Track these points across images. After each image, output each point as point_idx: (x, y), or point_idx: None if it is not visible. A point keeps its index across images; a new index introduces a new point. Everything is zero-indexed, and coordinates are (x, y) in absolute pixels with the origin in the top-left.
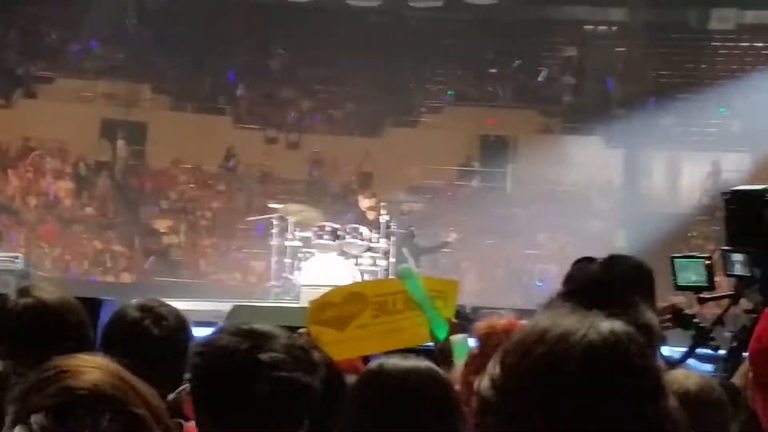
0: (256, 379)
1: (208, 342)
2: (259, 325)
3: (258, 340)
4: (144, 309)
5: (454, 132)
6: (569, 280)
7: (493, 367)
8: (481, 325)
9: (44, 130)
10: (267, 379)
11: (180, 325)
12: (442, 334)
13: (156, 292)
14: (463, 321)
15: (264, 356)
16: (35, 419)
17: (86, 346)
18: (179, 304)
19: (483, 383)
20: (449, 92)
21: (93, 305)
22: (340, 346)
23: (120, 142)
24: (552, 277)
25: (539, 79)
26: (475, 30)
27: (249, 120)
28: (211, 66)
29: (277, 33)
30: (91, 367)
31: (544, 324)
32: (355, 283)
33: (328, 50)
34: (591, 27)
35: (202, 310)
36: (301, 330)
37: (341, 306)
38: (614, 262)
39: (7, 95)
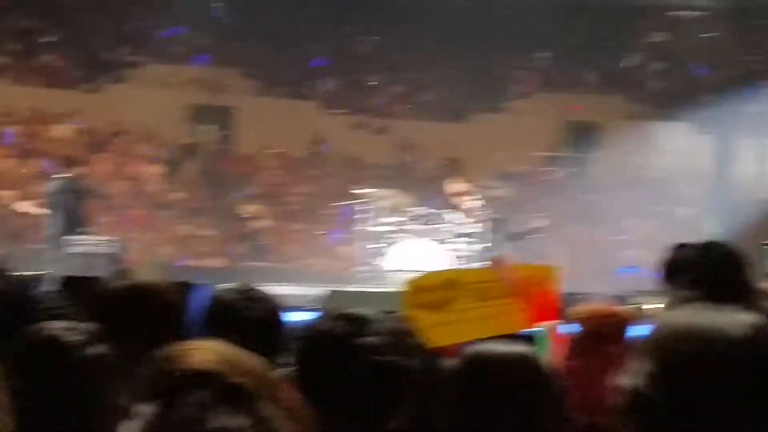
0: (357, 363)
1: (309, 327)
2: (358, 310)
3: (358, 324)
4: (240, 292)
5: (542, 118)
6: (668, 266)
7: (644, 364)
8: (579, 309)
9: (132, 115)
10: (367, 363)
11: (274, 308)
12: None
13: (245, 276)
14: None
15: (364, 340)
16: (144, 408)
17: (180, 327)
18: (269, 289)
19: (636, 380)
20: (536, 78)
21: (182, 289)
22: (438, 330)
23: (208, 127)
24: (639, 263)
25: (625, 65)
26: (563, 15)
27: (337, 105)
28: (299, 51)
29: (364, 18)
30: (199, 349)
31: (691, 319)
32: (452, 270)
33: (415, 35)
34: (679, 12)
35: (292, 295)
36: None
37: (437, 291)
38: (710, 248)
39: (95, 80)
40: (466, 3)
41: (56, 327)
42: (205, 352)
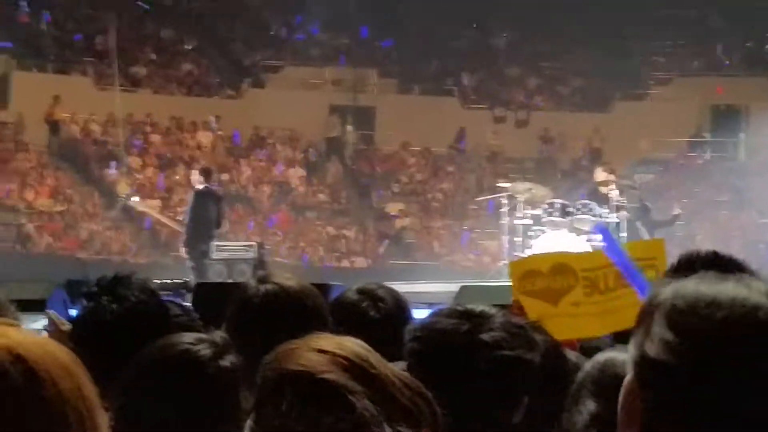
0: (479, 359)
1: (425, 326)
2: (474, 306)
3: (476, 320)
4: (363, 292)
5: (684, 103)
6: None
7: (663, 331)
8: None
9: (273, 119)
10: (489, 359)
11: (398, 307)
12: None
13: (390, 275)
14: None
15: (485, 336)
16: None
17: (325, 331)
18: (413, 287)
19: (652, 347)
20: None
21: (322, 291)
22: (554, 322)
23: (349, 128)
24: None
25: None
26: None
27: (476, 100)
28: (436, 47)
29: (500, 11)
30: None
31: (707, 288)
32: (560, 253)
33: (552, 26)
34: None
35: (435, 292)
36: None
37: (550, 277)
38: None
39: (235, 86)
40: None
41: (186, 339)
42: (309, 351)
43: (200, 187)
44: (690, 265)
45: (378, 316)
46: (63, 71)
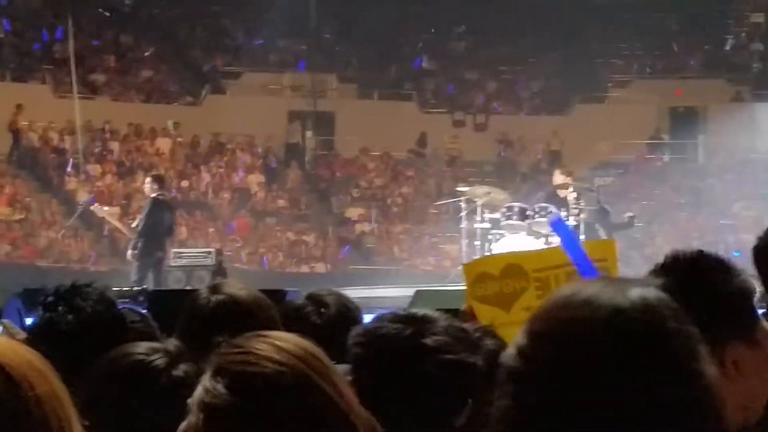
0: (423, 363)
1: (369, 331)
2: (418, 310)
3: (419, 324)
4: (310, 297)
5: (643, 105)
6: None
7: (520, 336)
8: None
9: (233, 125)
10: (433, 363)
11: (342, 313)
12: None
13: (350, 280)
14: None
15: (428, 340)
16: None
17: None
18: (372, 292)
19: (508, 352)
20: (635, 65)
21: (278, 296)
22: (506, 330)
23: (308, 133)
24: (750, 247)
25: (727, 47)
26: (660, 1)
27: (435, 104)
28: (395, 52)
29: (457, 15)
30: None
31: (570, 291)
32: (512, 253)
33: (510, 30)
34: None
35: (394, 296)
36: (463, 307)
37: (501, 281)
38: None
39: (195, 92)
40: None
41: (139, 350)
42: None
43: (155, 194)
44: (675, 264)
45: (319, 322)
46: (21, 79)
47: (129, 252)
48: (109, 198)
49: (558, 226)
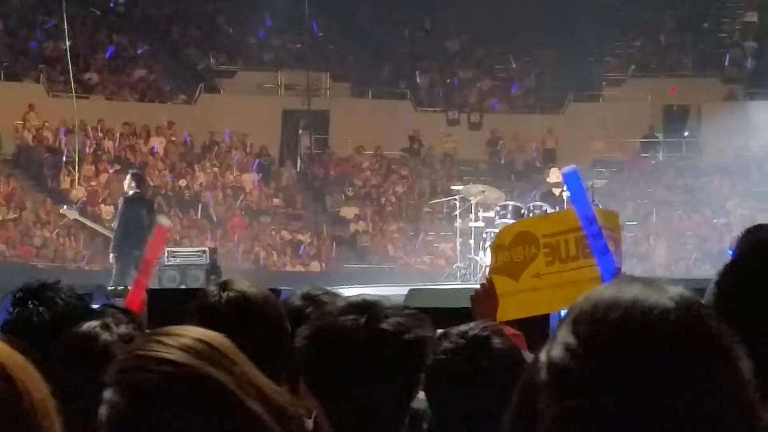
0: (382, 348)
1: (320, 327)
2: (365, 297)
3: (371, 310)
4: (307, 297)
5: (637, 103)
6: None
7: (566, 335)
8: None
9: (228, 124)
10: (395, 345)
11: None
12: (609, 272)
13: (345, 279)
14: None
15: (384, 324)
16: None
17: (285, 338)
18: (366, 291)
19: (556, 352)
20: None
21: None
22: (515, 299)
23: (302, 131)
24: None
25: (720, 46)
26: None
27: (429, 103)
28: (389, 51)
29: (452, 13)
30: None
31: (613, 290)
32: (524, 221)
33: (504, 28)
34: None
35: (388, 295)
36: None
37: (511, 249)
38: None
39: (189, 91)
40: None
41: (92, 326)
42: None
43: (130, 193)
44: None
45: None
46: (15, 78)
47: (111, 254)
48: (104, 197)
49: (571, 178)
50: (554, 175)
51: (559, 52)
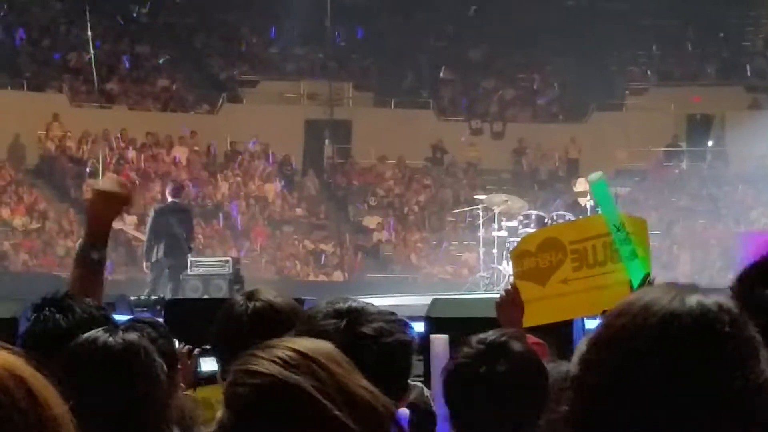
0: (364, 352)
1: (303, 332)
2: (350, 303)
3: (352, 315)
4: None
5: (660, 113)
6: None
7: (583, 345)
8: None
9: (250, 134)
10: (375, 349)
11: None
12: (637, 278)
13: (367, 289)
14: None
15: (365, 329)
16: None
17: None
18: (389, 300)
19: (574, 362)
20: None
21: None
22: (541, 305)
23: (325, 141)
24: None
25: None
26: (676, 8)
27: (452, 112)
28: (412, 60)
29: (474, 22)
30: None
31: (634, 297)
32: (550, 227)
33: (527, 37)
34: None
35: (411, 305)
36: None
37: (538, 255)
38: None
39: (212, 101)
40: (576, 1)
41: (98, 334)
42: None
43: (161, 204)
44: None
45: None
46: (38, 88)
47: (144, 263)
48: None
49: (598, 185)
50: (581, 185)
51: (582, 62)
